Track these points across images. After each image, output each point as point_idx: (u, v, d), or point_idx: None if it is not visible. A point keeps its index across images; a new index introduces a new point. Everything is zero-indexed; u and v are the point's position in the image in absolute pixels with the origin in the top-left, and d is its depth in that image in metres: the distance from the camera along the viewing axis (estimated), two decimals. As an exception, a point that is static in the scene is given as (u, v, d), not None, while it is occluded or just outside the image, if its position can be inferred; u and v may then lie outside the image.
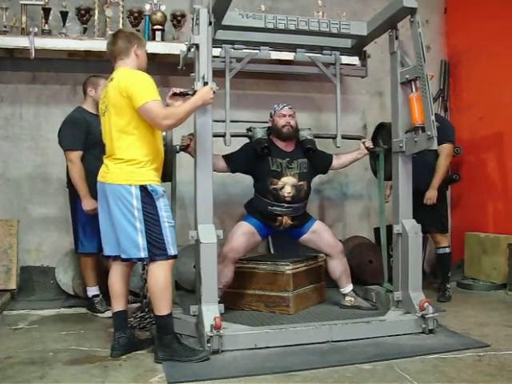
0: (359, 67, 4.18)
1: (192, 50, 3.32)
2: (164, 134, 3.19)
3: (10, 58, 4.53)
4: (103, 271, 3.71)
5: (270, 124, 3.87)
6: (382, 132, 4.00)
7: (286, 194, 3.67)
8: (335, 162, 4.01)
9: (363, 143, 3.99)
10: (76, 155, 3.74)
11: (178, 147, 3.49)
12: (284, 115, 3.77)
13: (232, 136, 3.86)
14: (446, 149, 4.26)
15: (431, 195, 4.23)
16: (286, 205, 3.68)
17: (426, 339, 3.16)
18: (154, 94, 2.77)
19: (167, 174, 3.28)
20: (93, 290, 3.95)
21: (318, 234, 3.81)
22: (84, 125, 3.78)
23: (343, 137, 4.07)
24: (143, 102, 2.72)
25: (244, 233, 3.69)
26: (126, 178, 2.78)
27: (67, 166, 3.83)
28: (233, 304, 3.75)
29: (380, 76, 5.02)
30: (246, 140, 3.88)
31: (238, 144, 3.81)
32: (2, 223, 4.43)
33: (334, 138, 4.11)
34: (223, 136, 3.76)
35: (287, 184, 3.68)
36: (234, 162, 3.75)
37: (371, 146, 3.97)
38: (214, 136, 3.37)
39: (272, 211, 3.68)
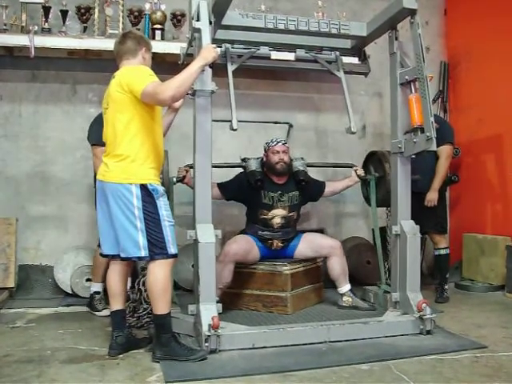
0: (361, 64, 4.17)
1: (193, 43, 3.31)
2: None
3: (9, 56, 4.52)
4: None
5: (264, 158, 3.99)
6: (373, 159, 4.06)
7: (274, 224, 3.89)
8: (327, 190, 4.17)
9: (355, 171, 4.10)
10: (101, 151, 3.74)
11: (174, 179, 3.53)
12: (278, 151, 3.92)
13: (226, 167, 4.03)
14: (445, 150, 4.27)
15: (432, 197, 4.24)
16: (275, 230, 3.89)
17: (423, 340, 3.16)
18: (149, 78, 2.75)
19: None
20: (96, 287, 3.94)
21: (312, 241, 3.96)
22: None
23: (335, 165, 4.14)
24: (141, 89, 2.71)
25: (245, 239, 3.85)
26: (127, 177, 2.78)
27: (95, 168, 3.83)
28: (231, 304, 3.76)
29: (379, 77, 5.02)
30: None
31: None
32: (0, 221, 4.42)
33: (327, 166, 4.23)
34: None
35: (277, 216, 3.90)
36: (227, 190, 3.93)
37: (362, 174, 4.07)
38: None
39: (263, 235, 3.89)
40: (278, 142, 3.95)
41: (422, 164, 3.98)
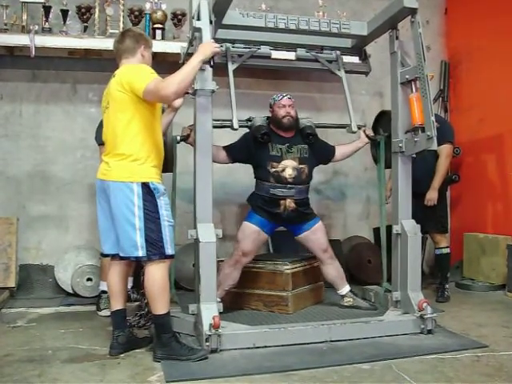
0: (362, 63, 4.17)
1: (194, 42, 3.31)
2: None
3: (10, 55, 4.52)
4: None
5: (269, 114, 3.86)
6: (383, 120, 3.99)
7: (287, 176, 3.67)
8: (337, 153, 4.00)
9: (364, 131, 3.98)
10: None
11: (178, 138, 3.49)
12: (284, 105, 3.76)
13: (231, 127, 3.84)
14: (445, 149, 4.27)
15: (432, 196, 4.23)
16: (288, 185, 3.66)
17: (424, 339, 3.16)
18: (150, 76, 2.75)
19: (168, 164, 3.28)
20: (104, 285, 3.93)
21: (316, 236, 3.81)
22: None
23: (341, 126, 4.05)
24: (143, 87, 2.70)
25: (250, 235, 3.69)
26: (128, 176, 2.78)
27: None
28: (232, 303, 3.75)
29: (380, 76, 5.02)
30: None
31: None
32: (1, 221, 4.42)
33: (335, 127, 4.15)
34: (228, 125, 3.66)
35: (288, 167, 3.68)
36: (234, 151, 3.76)
37: (372, 134, 3.97)
38: (216, 127, 3.35)
39: (274, 193, 3.66)
40: (284, 96, 3.80)
41: (423, 164, 3.98)
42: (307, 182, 3.79)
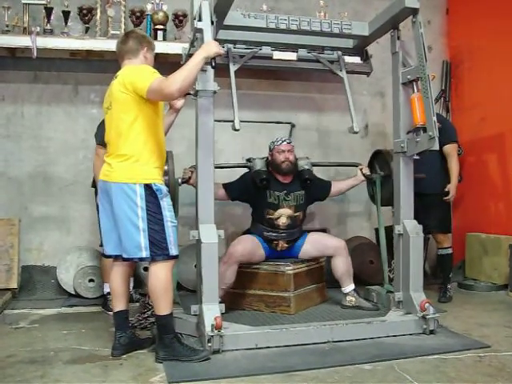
0: (363, 64, 4.17)
1: (195, 43, 3.31)
2: (166, 168, 3.18)
3: (11, 57, 4.53)
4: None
5: (269, 158, 3.99)
6: (379, 158, 4.08)
7: (281, 224, 3.87)
8: (333, 190, 4.14)
9: (360, 170, 4.10)
10: (103, 152, 3.75)
11: (179, 180, 3.54)
12: (283, 151, 3.90)
13: (231, 167, 4.09)
14: (452, 149, 4.31)
15: (455, 193, 4.30)
16: (280, 231, 3.87)
17: (426, 340, 3.16)
18: (153, 75, 2.75)
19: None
20: (108, 287, 3.93)
21: (317, 242, 3.95)
22: None
23: (340, 165, 4.13)
24: (146, 87, 2.70)
25: (250, 239, 3.83)
26: (131, 177, 2.78)
27: (94, 166, 3.82)
28: (234, 304, 3.75)
29: (381, 76, 5.02)
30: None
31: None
32: (3, 222, 4.43)
33: (332, 166, 4.24)
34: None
35: (283, 215, 3.87)
36: (233, 190, 3.92)
37: (368, 173, 4.07)
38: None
39: (268, 236, 3.87)
40: (284, 141, 3.93)
41: (428, 164, 3.98)
42: (300, 225, 3.99)
